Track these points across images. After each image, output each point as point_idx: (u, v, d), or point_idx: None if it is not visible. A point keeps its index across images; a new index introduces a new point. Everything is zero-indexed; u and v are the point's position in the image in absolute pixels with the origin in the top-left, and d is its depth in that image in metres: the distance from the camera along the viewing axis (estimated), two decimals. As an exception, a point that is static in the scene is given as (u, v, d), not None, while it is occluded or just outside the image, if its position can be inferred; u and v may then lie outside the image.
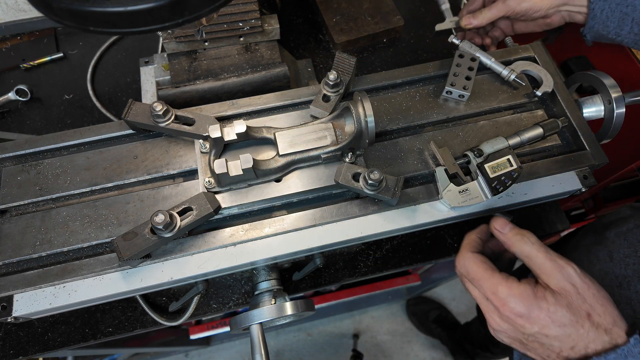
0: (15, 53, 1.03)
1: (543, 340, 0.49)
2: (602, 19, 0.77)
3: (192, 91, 0.80)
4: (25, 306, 0.60)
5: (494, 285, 0.52)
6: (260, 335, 0.67)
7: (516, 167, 0.63)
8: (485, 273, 0.53)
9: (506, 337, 0.53)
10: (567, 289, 0.49)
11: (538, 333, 0.49)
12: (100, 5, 0.37)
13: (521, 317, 0.50)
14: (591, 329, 0.48)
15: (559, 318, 0.48)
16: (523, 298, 0.50)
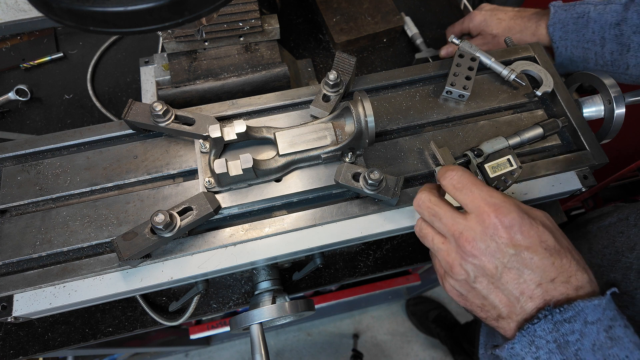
0: (15, 53, 1.03)
1: (525, 265, 0.45)
2: (567, 55, 0.81)
3: (192, 91, 0.80)
4: (25, 306, 0.60)
5: (488, 191, 0.48)
6: (260, 335, 0.67)
7: (516, 167, 0.63)
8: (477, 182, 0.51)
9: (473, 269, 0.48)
10: (548, 224, 0.48)
11: (523, 253, 0.45)
12: (100, 5, 0.37)
13: (511, 227, 0.46)
14: (572, 262, 0.46)
15: (546, 240, 0.46)
16: (515, 209, 0.46)
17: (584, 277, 0.46)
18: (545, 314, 0.44)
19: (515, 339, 0.45)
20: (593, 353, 0.42)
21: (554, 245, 0.46)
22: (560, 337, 0.43)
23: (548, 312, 0.43)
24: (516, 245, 0.46)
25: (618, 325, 0.43)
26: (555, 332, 0.43)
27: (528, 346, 0.44)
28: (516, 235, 0.46)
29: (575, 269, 0.46)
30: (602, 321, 0.43)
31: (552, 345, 0.43)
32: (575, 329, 0.43)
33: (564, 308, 0.43)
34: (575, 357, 0.42)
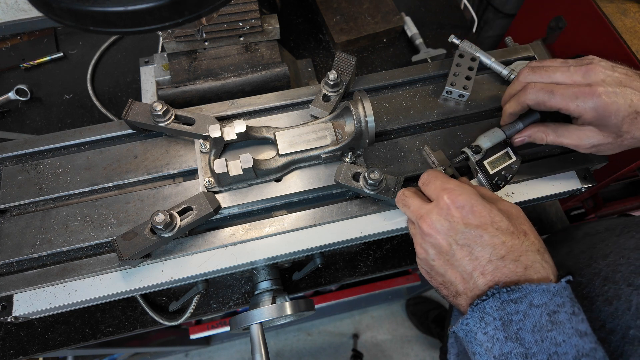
0: (15, 53, 1.03)
1: (475, 242, 0.49)
2: None
3: (192, 91, 0.80)
4: (25, 306, 0.60)
5: (446, 181, 0.53)
6: (260, 335, 0.67)
7: (515, 159, 0.63)
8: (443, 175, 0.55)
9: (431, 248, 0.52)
10: (510, 211, 0.51)
11: (474, 230, 0.49)
12: (100, 5, 0.37)
13: (463, 207, 0.50)
14: (525, 243, 0.48)
15: (498, 221, 0.49)
16: (470, 193, 0.51)
17: (536, 258, 0.48)
18: (493, 292, 0.46)
19: (467, 314, 0.48)
20: (532, 334, 0.44)
21: (507, 227, 0.49)
22: (505, 315, 0.45)
23: (496, 290, 0.46)
24: (467, 223, 0.50)
25: (564, 311, 0.45)
26: (501, 310, 0.45)
27: (479, 322, 0.46)
28: (468, 215, 0.50)
29: (526, 249, 0.48)
30: (548, 305, 0.45)
31: (498, 322, 0.45)
32: (520, 310, 0.45)
33: (512, 288, 0.45)
34: (516, 335, 0.44)
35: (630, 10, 1.07)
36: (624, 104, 0.54)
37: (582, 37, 1.16)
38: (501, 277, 0.47)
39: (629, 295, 0.54)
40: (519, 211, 0.53)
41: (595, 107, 0.55)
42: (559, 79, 0.59)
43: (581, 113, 0.56)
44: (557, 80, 0.59)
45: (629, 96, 0.54)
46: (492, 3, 1.64)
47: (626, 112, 0.54)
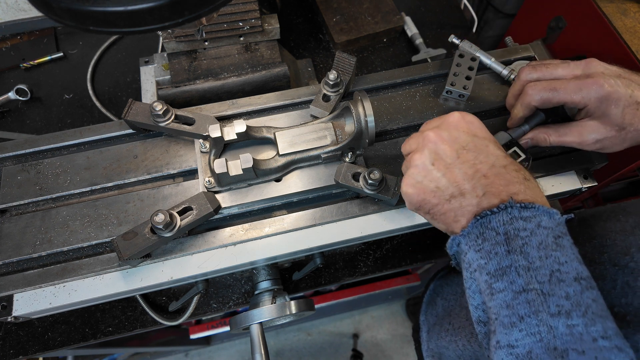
0: (15, 53, 1.03)
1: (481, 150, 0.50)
2: None
3: (192, 91, 0.80)
4: (25, 306, 0.60)
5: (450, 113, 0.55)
6: (260, 335, 0.67)
7: (524, 157, 0.64)
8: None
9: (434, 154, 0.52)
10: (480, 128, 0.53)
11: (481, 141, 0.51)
12: (100, 4, 0.37)
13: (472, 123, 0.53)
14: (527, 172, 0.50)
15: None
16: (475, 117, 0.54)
17: (533, 182, 0.49)
18: (506, 206, 0.45)
19: (467, 228, 0.47)
20: (537, 250, 0.44)
21: (505, 154, 0.51)
22: (512, 230, 0.45)
23: (510, 204, 0.45)
24: (475, 134, 0.52)
25: (567, 239, 0.45)
26: (509, 224, 0.45)
27: (476, 238, 0.46)
28: (476, 129, 0.52)
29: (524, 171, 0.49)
30: (554, 230, 0.45)
31: (501, 237, 0.45)
32: (528, 227, 0.45)
33: (525, 205, 0.45)
34: (520, 250, 0.44)
35: (630, 10, 1.07)
36: (625, 94, 0.55)
37: (582, 37, 1.16)
38: (503, 188, 0.47)
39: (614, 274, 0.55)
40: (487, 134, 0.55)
41: (599, 95, 0.55)
42: (560, 73, 0.60)
43: (586, 103, 0.56)
44: (558, 76, 0.60)
45: (629, 87, 0.55)
46: (492, 3, 1.64)
47: (627, 101, 0.55)
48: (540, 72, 0.62)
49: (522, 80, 0.63)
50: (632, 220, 0.60)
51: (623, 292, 0.52)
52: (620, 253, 0.56)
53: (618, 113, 0.55)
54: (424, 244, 0.91)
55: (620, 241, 0.58)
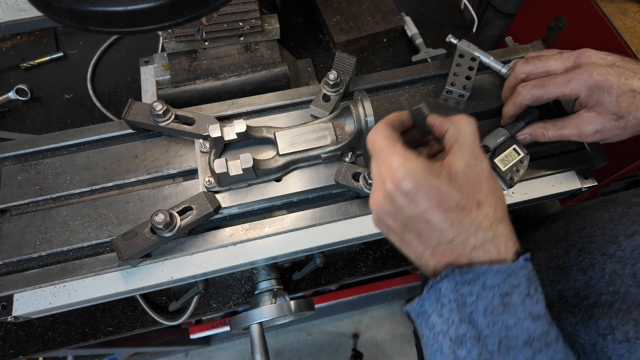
0: (15, 52, 1.03)
1: (423, 227, 0.45)
2: None
3: (192, 91, 0.80)
4: (25, 306, 0.60)
5: (389, 155, 0.47)
6: (260, 335, 0.67)
7: (523, 154, 0.64)
8: (387, 142, 0.48)
9: (384, 226, 0.49)
10: (468, 173, 0.45)
11: (420, 217, 0.45)
12: (100, 4, 0.37)
13: (408, 194, 0.45)
14: (479, 217, 0.44)
15: (446, 200, 0.44)
16: (415, 172, 0.45)
17: (487, 235, 0.44)
18: (447, 274, 0.44)
19: (424, 294, 0.46)
20: (485, 316, 0.42)
21: (458, 202, 0.44)
22: (459, 297, 0.44)
23: (450, 272, 0.44)
24: (413, 211, 0.45)
25: (518, 293, 0.43)
26: (456, 291, 0.44)
27: (435, 303, 0.45)
28: (413, 201, 0.45)
29: (477, 227, 0.44)
30: (501, 287, 0.43)
31: (453, 304, 0.44)
32: (474, 291, 0.43)
33: (464, 270, 0.43)
34: (469, 318, 0.43)
35: (630, 10, 1.07)
36: (617, 82, 0.54)
37: (582, 37, 1.16)
38: (451, 258, 0.45)
39: (602, 263, 0.55)
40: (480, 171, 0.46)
41: (588, 85, 0.55)
42: (552, 66, 0.60)
43: (577, 94, 0.56)
44: (550, 68, 0.60)
45: (623, 75, 0.55)
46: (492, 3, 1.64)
47: (620, 89, 0.54)
48: (533, 64, 0.62)
49: (516, 73, 0.64)
50: (620, 210, 0.60)
51: (611, 280, 0.52)
52: (609, 242, 0.57)
53: (612, 101, 0.55)
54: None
55: (608, 230, 0.58)
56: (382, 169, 0.47)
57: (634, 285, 0.50)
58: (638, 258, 0.51)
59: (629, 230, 0.55)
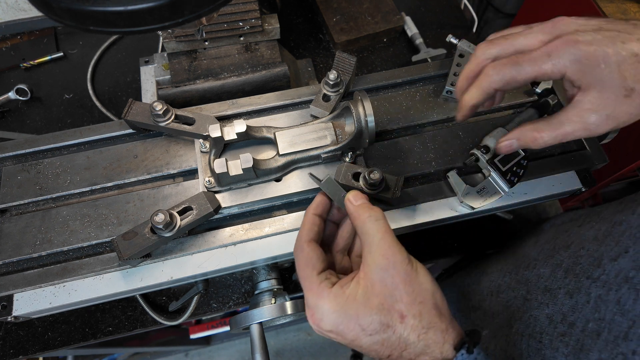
0: (15, 52, 1.03)
1: (363, 349, 0.45)
2: None
3: (192, 91, 0.80)
4: (25, 305, 0.60)
5: (307, 291, 0.46)
6: (260, 335, 0.67)
7: (524, 154, 0.64)
8: (304, 272, 0.47)
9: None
10: (384, 283, 0.43)
11: (352, 344, 0.45)
12: (100, 4, 0.37)
13: (330, 332, 0.45)
14: (404, 332, 0.43)
15: (368, 325, 0.43)
16: (329, 312, 0.44)
17: (417, 348, 0.43)
18: None
19: None
20: None
21: (379, 324, 0.43)
22: None
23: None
24: (343, 340, 0.45)
25: None
26: None
27: None
28: (338, 337, 0.45)
29: (404, 343, 0.43)
30: None
31: None
32: None
33: None
34: None
35: (630, 10, 1.07)
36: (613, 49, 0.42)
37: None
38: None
39: (587, 288, 0.53)
40: (396, 275, 0.44)
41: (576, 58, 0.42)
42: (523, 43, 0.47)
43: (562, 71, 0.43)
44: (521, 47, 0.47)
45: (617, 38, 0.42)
46: (492, 3, 1.64)
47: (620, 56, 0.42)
48: (500, 45, 0.49)
49: (478, 59, 0.50)
50: (604, 228, 0.57)
51: (596, 306, 0.50)
52: (593, 265, 0.54)
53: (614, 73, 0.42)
54: (424, 244, 0.91)
55: (593, 250, 0.56)
56: (306, 300, 0.47)
57: (618, 312, 0.47)
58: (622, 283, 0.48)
59: (612, 253, 0.53)
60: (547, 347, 0.55)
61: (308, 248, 0.49)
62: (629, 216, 0.55)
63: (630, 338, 0.44)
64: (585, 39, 0.42)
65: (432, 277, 0.46)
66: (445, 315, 0.45)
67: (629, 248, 0.51)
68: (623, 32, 0.43)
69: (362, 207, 0.49)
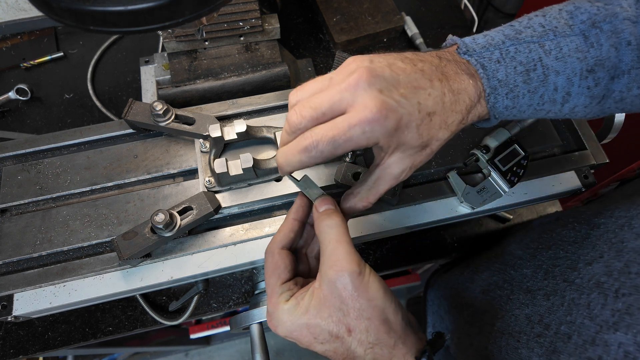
0: (16, 52, 1.03)
1: (319, 353, 0.46)
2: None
3: (192, 90, 0.80)
4: (26, 305, 0.60)
5: (268, 296, 0.48)
6: (260, 335, 0.67)
7: (524, 154, 0.64)
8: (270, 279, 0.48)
9: None
10: (334, 294, 0.43)
11: (309, 348, 0.46)
12: (101, 4, 0.37)
13: (286, 337, 0.46)
14: (351, 346, 0.44)
15: (319, 334, 0.44)
16: (283, 321, 0.45)
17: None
18: None
19: None
20: None
21: (330, 333, 0.44)
22: None
23: None
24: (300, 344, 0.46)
25: None
26: None
27: None
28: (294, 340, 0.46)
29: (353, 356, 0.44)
30: None
31: None
32: None
33: None
34: None
35: (630, 10, 1.07)
36: (413, 111, 0.41)
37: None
38: None
39: (563, 290, 0.54)
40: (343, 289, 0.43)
41: (387, 130, 0.40)
42: (323, 114, 0.43)
43: (376, 143, 0.42)
44: (323, 112, 0.43)
45: (414, 96, 0.41)
46: (493, 3, 1.65)
47: (418, 119, 0.42)
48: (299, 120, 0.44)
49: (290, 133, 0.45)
50: (583, 230, 0.58)
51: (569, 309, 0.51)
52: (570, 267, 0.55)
53: (414, 137, 0.42)
54: (424, 244, 0.91)
55: (571, 253, 0.56)
56: (267, 305, 0.48)
57: (588, 317, 0.48)
58: (593, 288, 0.49)
59: (588, 257, 0.53)
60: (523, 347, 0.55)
61: (278, 256, 0.49)
62: (607, 219, 0.55)
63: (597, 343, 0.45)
64: (389, 106, 0.40)
65: (385, 289, 0.45)
66: (395, 330, 0.44)
67: (603, 253, 0.51)
68: (418, 87, 0.42)
69: (324, 214, 0.47)
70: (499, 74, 0.45)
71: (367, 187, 0.48)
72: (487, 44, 0.47)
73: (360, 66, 0.42)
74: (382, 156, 0.46)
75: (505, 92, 0.46)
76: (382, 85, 0.40)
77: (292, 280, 0.49)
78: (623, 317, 0.43)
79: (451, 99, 0.43)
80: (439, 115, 0.43)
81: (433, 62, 0.45)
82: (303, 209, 0.52)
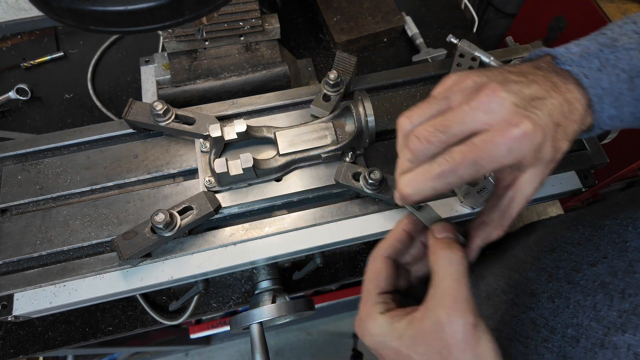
0: (16, 52, 1.03)
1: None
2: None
3: (192, 90, 0.80)
4: (26, 305, 0.60)
5: (362, 301, 0.46)
6: (260, 335, 0.67)
7: None
8: (368, 285, 0.45)
9: None
10: (437, 335, 0.39)
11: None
12: (101, 4, 0.37)
13: (370, 347, 0.44)
14: None
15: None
16: (372, 334, 0.43)
17: None
18: None
19: None
20: None
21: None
22: None
23: None
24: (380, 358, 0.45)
25: None
26: None
27: None
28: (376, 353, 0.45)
29: None
30: None
31: None
32: None
33: None
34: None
35: (630, 11, 1.07)
36: (549, 123, 0.39)
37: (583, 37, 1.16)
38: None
39: (568, 292, 0.53)
40: (452, 335, 0.39)
41: (535, 146, 0.38)
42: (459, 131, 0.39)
43: (520, 160, 0.39)
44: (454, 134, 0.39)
45: (545, 110, 0.39)
46: (493, 3, 1.64)
47: (553, 130, 0.40)
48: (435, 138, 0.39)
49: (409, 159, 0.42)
50: (587, 232, 0.57)
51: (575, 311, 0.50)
52: (574, 269, 0.54)
53: (549, 150, 0.40)
54: (424, 243, 0.91)
55: (575, 255, 0.56)
56: (359, 308, 0.46)
57: (594, 319, 0.47)
58: (598, 289, 0.48)
59: (591, 258, 0.52)
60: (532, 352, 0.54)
61: (381, 263, 0.46)
62: (612, 221, 0.55)
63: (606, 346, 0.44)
64: (534, 121, 0.37)
65: (497, 354, 0.40)
66: None
67: (607, 254, 0.51)
68: (547, 98, 0.40)
69: (441, 242, 0.43)
70: (602, 83, 0.43)
71: (500, 213, 0.45)
72: (584, 52, 0.45)
73: (487, 82, 0.39)
74: (513, 176, 0.43)
75: (610, 101, 0.44)
76: (516, 100, 0.38)
77: (390, 294, 0.46)
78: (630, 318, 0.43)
79: (568, 108, 0.41)
80: (562, 125, 0.41)
81: (537, 73, 0.42)
82: (415, 223, 0.48)
